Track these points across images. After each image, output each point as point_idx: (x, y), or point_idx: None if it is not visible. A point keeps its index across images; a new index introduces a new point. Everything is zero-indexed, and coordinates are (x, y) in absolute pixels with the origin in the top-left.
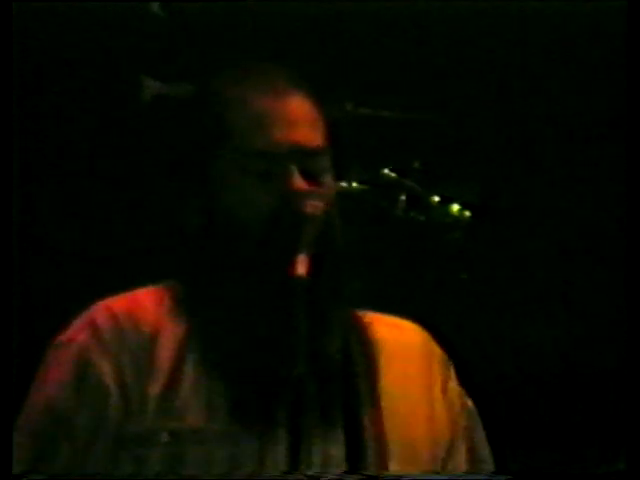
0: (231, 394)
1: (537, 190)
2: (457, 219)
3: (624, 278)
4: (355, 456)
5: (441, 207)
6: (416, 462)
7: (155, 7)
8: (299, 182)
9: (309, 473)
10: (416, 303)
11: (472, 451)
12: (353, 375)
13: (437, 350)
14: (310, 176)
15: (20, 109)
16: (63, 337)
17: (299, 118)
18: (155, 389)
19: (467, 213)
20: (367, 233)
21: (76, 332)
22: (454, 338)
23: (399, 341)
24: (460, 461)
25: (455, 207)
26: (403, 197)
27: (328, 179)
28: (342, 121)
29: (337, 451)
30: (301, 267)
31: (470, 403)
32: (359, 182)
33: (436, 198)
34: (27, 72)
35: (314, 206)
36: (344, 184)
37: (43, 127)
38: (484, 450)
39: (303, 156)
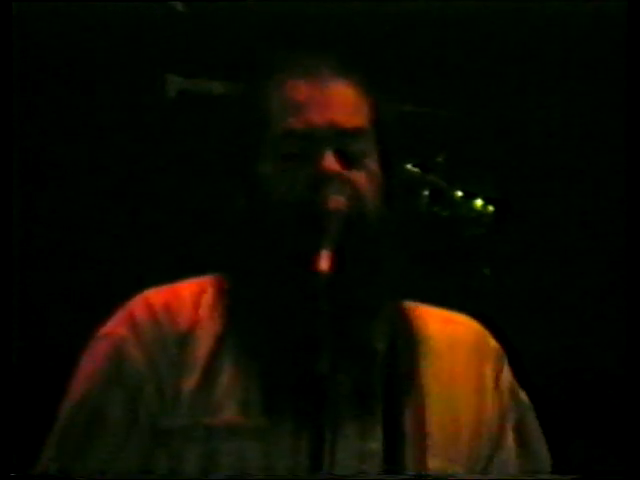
0: (265, 389)
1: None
2: (480, 214)
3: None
4: (392, 452)
5: (464, 202)
6: (458, 458)
7: (178, 5)
8: (331, 163)
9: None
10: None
11: (525, 445)
12: (396, 369)
13: (491, 344)
14: (347, 158)
15: (20, 109)
16: (103, 330)
17: (338, 102)
18: (190, 384)
19: (490, 208)
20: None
21: (114, 325)
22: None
23: (449, 335)
24: (508, 457)
25: (478, 202)
26: (426, 192)
27: (369, 162)
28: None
29: (374, 446)
30: (324, 263)
31: (524, 396)
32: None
33: (459, 193)
34: (27, 72)
35: (337, 201)
36: None
37: (43, 127)
38: (538, 444)
39: (339, 137)
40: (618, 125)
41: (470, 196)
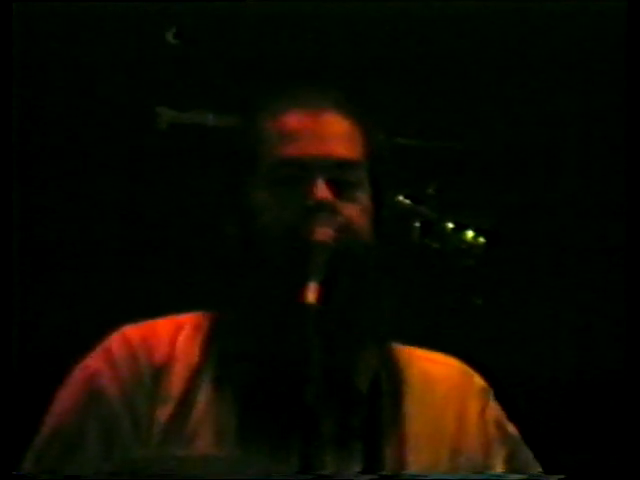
0: (243, 417)
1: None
2: (471, 245)
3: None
4: None
5: (455, 233)
6: None
7: (170, 36)
8: (323, 191)
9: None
10: (431, 328)
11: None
12: (377, 408)
13: (475, 382)
14: (338, 189)
15: (20, 110)
16: (81, 363)
17: (331, 133)
18: (164, 415)
19: (481, 239)
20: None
21: (92, 359)
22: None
23: (431, 375)
24: None
25: (469, 233)
26: (417, 224)
27: (360, 194)
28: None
29: None
30: (311, 294)
31: (512, 429)
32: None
33: (450, 225)
34: (27, 73)
35: (324, 233)
36: None
37: (43, 128)
38: (534, 470)
39: (331, 166)
40: (618, 159)
41: (461, 227)
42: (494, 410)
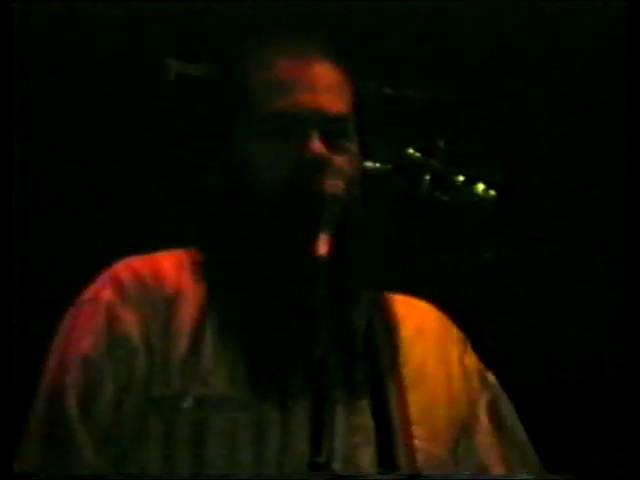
0: (250, 365)
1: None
2: (482, 198)
3: None
4: (382, 427)
5: (466, 187)
6: (437, 438)
7: None
8: (318, 146)
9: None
10: (438, 283)
11: (500, 424)
12: (376, 351)
13: (453, 329)
14: (331, 141)
15: (20, 110)
16: (87, 295)
17: (323, 84)
18: (178, 353)
19: (492, 192)
20: (391, 212)
21: (100, 289)
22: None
23: (417, 320)
24: (481, 441)
25: (480, 186)
26: (427, 177)
27: (351, 146)
28: (365, 100)
29: (362, 421)
30: (323, 247)
31: (491, 377)
32: (383, 161)
33: (461, 177)
34: (27, 72)
35: (335, 185)
36: (369, 164)
37: (42, 128)
38: (512, 421)
39: (324, 120)
40: (619, 120)
41: (471, 180)
42: (473, 358)
